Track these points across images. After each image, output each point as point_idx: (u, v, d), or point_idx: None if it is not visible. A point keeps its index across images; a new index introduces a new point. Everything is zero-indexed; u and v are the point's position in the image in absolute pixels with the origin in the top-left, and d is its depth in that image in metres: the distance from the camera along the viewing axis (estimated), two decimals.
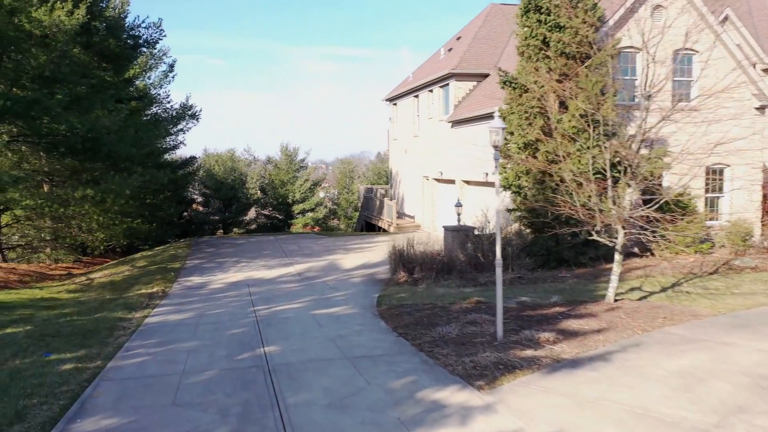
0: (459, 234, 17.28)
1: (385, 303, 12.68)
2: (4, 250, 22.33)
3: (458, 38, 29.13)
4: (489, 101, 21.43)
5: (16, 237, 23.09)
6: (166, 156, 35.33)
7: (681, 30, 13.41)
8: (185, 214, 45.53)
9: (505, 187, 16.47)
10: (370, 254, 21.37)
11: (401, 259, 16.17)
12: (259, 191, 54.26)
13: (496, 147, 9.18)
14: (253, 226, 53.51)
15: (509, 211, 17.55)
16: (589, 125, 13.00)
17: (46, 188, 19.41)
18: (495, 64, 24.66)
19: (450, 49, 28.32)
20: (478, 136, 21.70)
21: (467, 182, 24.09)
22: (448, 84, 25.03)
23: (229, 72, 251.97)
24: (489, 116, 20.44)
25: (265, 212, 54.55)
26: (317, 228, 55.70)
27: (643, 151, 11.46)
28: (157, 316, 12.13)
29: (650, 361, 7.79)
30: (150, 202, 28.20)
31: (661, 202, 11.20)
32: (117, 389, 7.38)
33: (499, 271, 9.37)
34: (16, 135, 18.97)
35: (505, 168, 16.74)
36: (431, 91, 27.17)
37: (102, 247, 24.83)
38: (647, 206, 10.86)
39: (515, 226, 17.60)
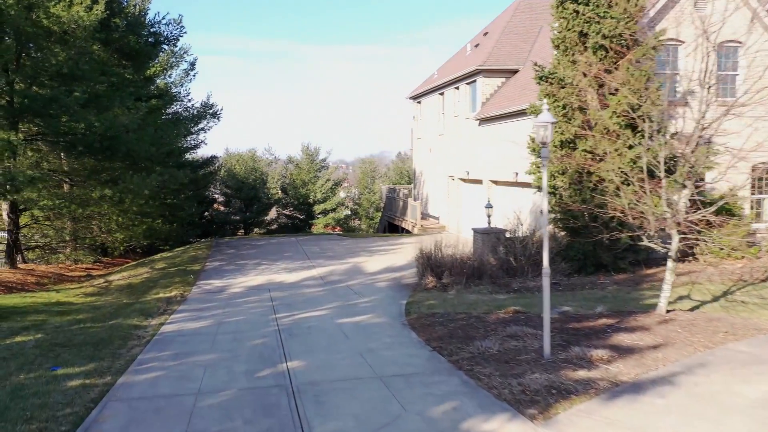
0: (490, 237, 16.40)
1: (414, 311, 11.87)
2: (24, 250, 22.01)
3: (485, 34, 28.18)
4: (519, 98, 20.49)
5: (37, 237, 22.76)
6: (187, 155, 35.02)
7: (727, 21, 12.37)
8: (206, 214, 45.26)
9: (539, 188, 15.51)
10: (394, 257, 20.58)
11: (429, 263, 15.34)
12: (280, 191, 53.86)
13: (544, 144, 8.29)
14: (274, 227, 53.12)
15: (541, 212, 16.60)
16: (635, 120, 12.03)
17: (65, 188, 18.98)
18: (525, 60, 23.70)
19: (477, 45, 27.39)
20: (508, 133, 20.79)
21: (495, 182, 23.17)
22: (475, 80, 24.12)
23: (250, 72, 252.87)
24: (520, 113, 19.52)
25: (286, 212, 54.13)
26: (338, 228, 55.20)
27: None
28: (174, 323, 11.48)
29: (724, 387, 6.87)
30: (170, 202, 27.77)
31: (721, 204, 10.22)
32: (125, 412, 6.68)
33: (546, 281, 8.50)
34: (35, 134, 18.57)
35: (538, 167, 15.80)
36: (457, 88, 26.28)
37: (122, 248, 24.43)
38: (706, 209, 9.88)
39: (548, 228, 16.63)
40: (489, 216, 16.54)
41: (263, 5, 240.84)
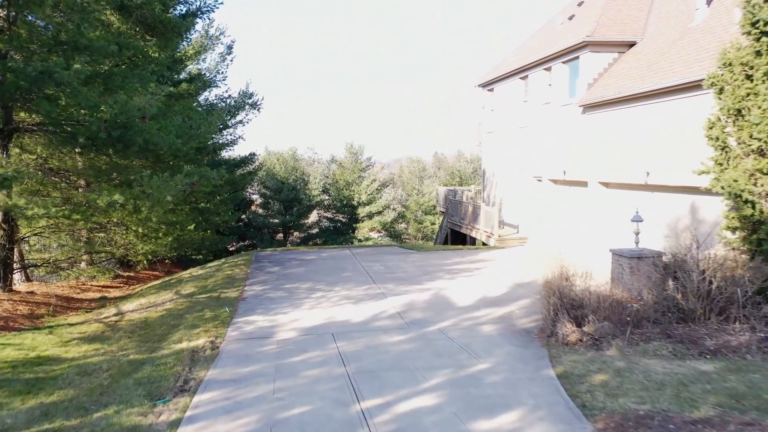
0: (642, 263, 11.58)
1: (591, 403, 7.19)
2: (29, 267, 18.14)
3: (579, 4, 23.25)
4: (650, 75, 15.59)
5: (43, 251, 18.91)
6: (223, 153, 31.08)
7: None
8: (243, 216, 41.41)
9: (730, 194, 10.62)
10: (483, 281, 15.95)
11: (562, 301, 10.64)
12: (322, 193, 49.79)
13: None
14: (315, 230, 49.07)
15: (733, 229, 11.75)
16: None
17: (79, 192, 14.95)
18: (642, 30, 18.75)
19: (571, 17, 22.49)
20: (637, 121, 15.91)
21: (606, 184, 18.27)
22: (577, 57, 19.26)
23: (292, 64, 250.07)
24: (657, 93, 14.63)
25: (328, 215, 50.02)
26: (383, 231, 50.82)
27: None
28: (196, 421, 7.04)
29: None
30: (203, 207, 23.72)
31: None
32: None
33: None
34: (29, 123, 14.57)
35: (720, 164, 10.91)
36: (548, 69, 21.45)
37: (145, 262, 20.42)
38: None
39: (723, 252, 11.67)
40: (637, 233, 11.78)
41: None
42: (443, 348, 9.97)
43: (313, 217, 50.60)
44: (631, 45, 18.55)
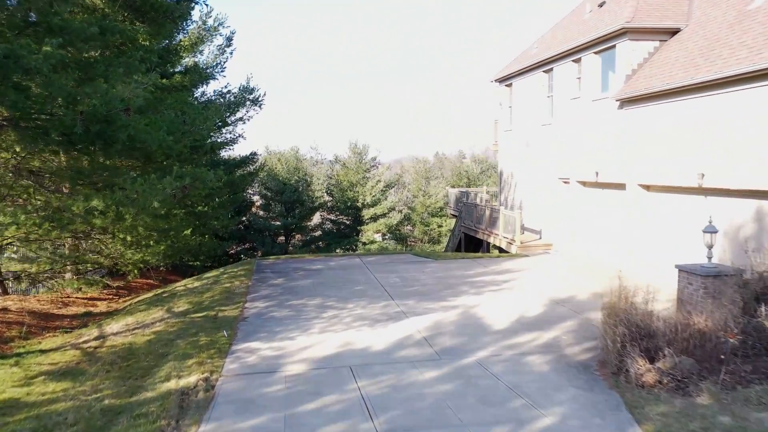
0: (719, 283, 9.72)
1: None
2: (4, 280, 16.30)
3: None
4: (705, 64, 13.75)
5: (21, 260, 16.98)
6: (222, 152, 29.20)
7: None
8: (244, 219, 39.58)
9: None
10: (513, 296, 14.14)
11: (630, 330, 8.78)
12: (325, 194, 47.94)
13: None
14: (318, 233, 47.22)
15: None
16: None
17: (41, 197, 13.06)
18: (686, 15, 16.92)
19: (602, 4, 20.63)
20: (688, 116, 14.06)
21: (647, 187, 16.43)
22: (613, 47, 17.40)
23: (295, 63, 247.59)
24: (714, 84, 12.80)
25: (331, 217, 48.16)
26: (388, 233, 48.92)
27: None
28: None
29: None
30: (200, 210, 21.84)
31: None
32: None
33: None
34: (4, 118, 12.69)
35: None
36: (577, 60, 19.61)
37: (136, 272, 18.56)
38: None
39: None
40: (710, 246, 9.93)
41: None
42: (489, 390, 8.12)
43: (316, 219, 48.79)
44: (674, 32, 16.69)
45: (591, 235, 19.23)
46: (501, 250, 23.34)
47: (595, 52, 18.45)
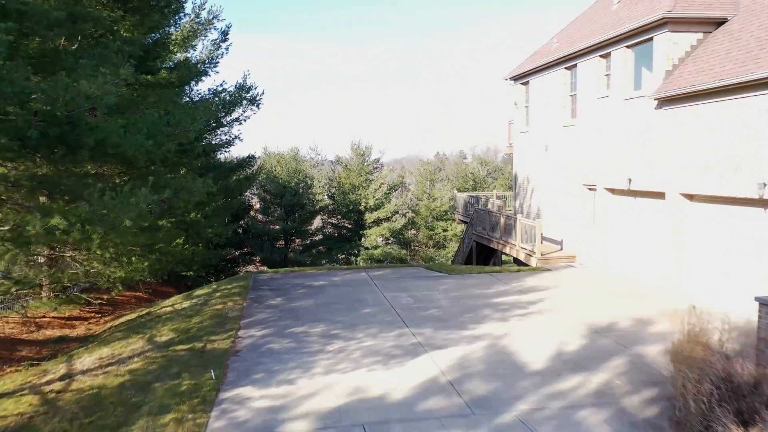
0: None
1: None
2: None
3: None
4: (765, 56, 11.94)
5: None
6: (218, 155, 27.40)
7: None
8: (241, 223, 37.79)
9: None
10: (545, 322, 12.37)
11: (718, 389, 6.99)
12: (326, 197, 46.10)
13: None
14: (319, 237, 45.40)
15: None
16: None
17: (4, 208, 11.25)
18: (732, 2, 15.12)
19: None
20: (743, 117, 12.24)
21: (690, 196, 14.62)
22: (650, 39, 15.59)
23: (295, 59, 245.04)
24: None
25: (333, 221, 46.28)
26: (392, 238, 47.11)
27: None
28: None
29: None
30: (192, 219, 20.06)
31: None
32: None
33: None
34: None
35: None
36: (605, 56, 17.81)
37: (120, 288, 16.76)
38: None
39: None
40: None
41: None
42: None
43: (317, 223, 46.97)
44: (720, 23, 14.90)
45: (621, 248, 17.43)
46: (517, 261, 21.57)
47: (628, 46, 16.65)
